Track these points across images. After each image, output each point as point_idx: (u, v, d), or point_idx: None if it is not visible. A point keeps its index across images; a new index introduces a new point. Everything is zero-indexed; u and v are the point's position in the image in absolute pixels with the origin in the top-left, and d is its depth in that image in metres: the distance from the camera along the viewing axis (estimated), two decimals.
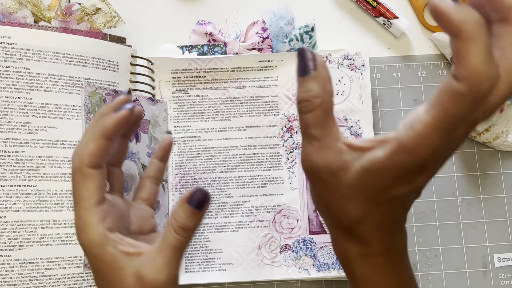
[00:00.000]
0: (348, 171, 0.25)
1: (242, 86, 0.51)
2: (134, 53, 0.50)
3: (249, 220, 0.49)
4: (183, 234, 0.30)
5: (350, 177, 0.25)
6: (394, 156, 0.24)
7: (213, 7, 0.54)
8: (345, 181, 0.25)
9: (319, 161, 0.26)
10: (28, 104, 0.45)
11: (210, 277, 0.48)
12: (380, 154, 0.24)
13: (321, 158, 0.26)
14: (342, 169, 0.25)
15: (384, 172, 0.24)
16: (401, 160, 0.24)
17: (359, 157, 0.25)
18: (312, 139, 0.26)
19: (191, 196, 0.31)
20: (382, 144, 0.25)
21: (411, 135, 0.23)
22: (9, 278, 0.43)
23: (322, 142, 0.26)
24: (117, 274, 0.30)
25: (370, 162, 0.24)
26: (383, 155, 0.24)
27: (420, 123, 0.23)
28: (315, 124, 0.26)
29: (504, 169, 0.51)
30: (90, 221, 0.30)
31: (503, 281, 0.49)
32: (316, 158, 0.26)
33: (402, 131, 0.24)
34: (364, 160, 0.25)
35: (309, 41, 0.51)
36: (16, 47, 0.45)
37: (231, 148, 0.50)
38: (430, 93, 0.52)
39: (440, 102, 0.23)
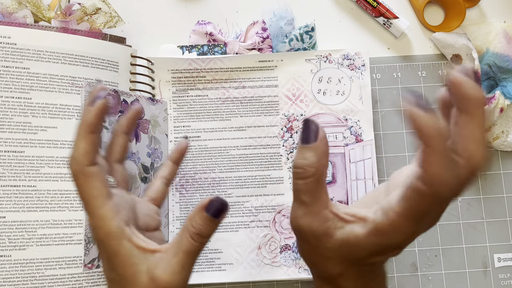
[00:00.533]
0: (330, 238, 0.28)
1: (242, 86, 0.51)
2: (134, 53, 0.50)
3: (249, 220, 0.49)
4: (199, 240, 0.31)
5: (331, 243, 0.28)
6: (371, 236, 0.27)
7: (213, 7, 0.54)
8: (327, 245, 0.28)
9: (305, 225, 0.28)
10: (28, 104, 0.45)
11: (210, 277, 0.48)
12: (358, 231, 0.27)
13: (307, 222, 0.28)
14: (325, 235, 0.28)
15: (360, 247, 0.27)
16: (376, 241, 0.27)
17: (341, 227, 0.28)
18: (301, 203, 0.28)
19: (210, 204, 0.31)
20: (361, 221, 0.28)
21: (386, 222, 0.26)
22: (9, 278, 0.43)
23: (310, 208, 0.28)
24: (131, 269, 0.30)
25: (350, 236, 0.27)
26: (361, 233, 0.27)
27: (393, 212, 0.26)
28: (306, 191, 0.28)
29: (504, 169, 0.51)
30: (106, 215, 0.31)
31: (503, 281, 0.49)
32: (303, 222, 0.28)
33: (378, 216, 0.27)
34: (345, 232, 0.28)
35: (309, 41, 0.51)
36: (16, 47, 0.45)
37: (231, 148, 0.50)
38: (430, 93, 0.52)
39: (408, 198, 0.26)
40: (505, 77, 0.51)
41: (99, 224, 0.31)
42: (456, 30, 0.53)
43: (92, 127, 0.31)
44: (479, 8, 0.54)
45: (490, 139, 0.50)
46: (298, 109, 0.50)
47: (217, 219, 0.31)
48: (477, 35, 0.52)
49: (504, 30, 0.51)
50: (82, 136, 0.31)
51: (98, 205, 0.31)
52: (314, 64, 0.51)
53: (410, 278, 0.49)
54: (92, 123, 0.31)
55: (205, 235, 0.31)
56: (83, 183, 0.31)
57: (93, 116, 0.31)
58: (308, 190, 0.28)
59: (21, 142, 0.44)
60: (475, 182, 0.26)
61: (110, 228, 0.30)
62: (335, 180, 0.49)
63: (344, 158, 0.49)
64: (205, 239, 0.31)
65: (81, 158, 0.31)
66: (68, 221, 0.45)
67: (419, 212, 0.26)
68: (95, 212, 0.31)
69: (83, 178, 0.31)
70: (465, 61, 0.51)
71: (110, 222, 0.30)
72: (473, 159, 0.25)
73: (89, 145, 0.31)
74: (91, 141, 0.31)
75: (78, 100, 0.46)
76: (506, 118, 0.51)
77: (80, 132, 0.31)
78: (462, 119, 0.25)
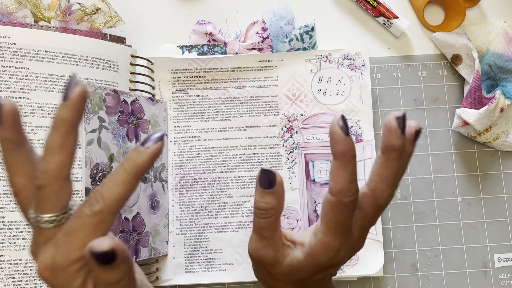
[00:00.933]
0: (281, 265, 0.32)
1: (242, 86, 0.51)
2: (134, 53, 0.50)
3: (249, 220, 0.49)
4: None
5: (281, 269, 0.33)
6: (308, 258, 0.32)
7: (213, 7, 0.54)
8: (279, 271, 0.33)
9: (264, 255, 0.32)
10: (28, 104, 0.45)
11: (210, 277, 0.48)
12: (298, 255, 0.32)
13: (266, 253, 0.32)
14: (278, 263, 0.32)
15: (301, 269, 0.32)
16: (312, 261, 0.32)
17: (288, 254, 0.32)
18: (263, 238, 0.32)
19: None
20: (300, 246, 0.32)
21: (317, 242, 0.31)
22: (9, 278, 0.43)
23: (269, 241, 0.32)
24: None
25: (293, 260, 0.32)
26: (300, 257, 0.32)
27: (320, 232, 0.31)
28: (268, 228, 0.32)
29: (504, 169, 0.51)
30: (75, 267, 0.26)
31: (504, 282, 0.49)
32: (262, 253, 0.32)
33: (311, 238, 0.32)
34: (289, 259, 0.32)
35: (309, 41, 0.51)
36: (16, 47, 0.45)
37: (231, 148, 0.50)
38: (430, 93, 0.52)
39: (326, 212, 0.31)
40: (505, 77, 0.51)
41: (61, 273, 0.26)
42: (456, 30, 0.53)
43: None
44: (479, 8, 0.54)
45: (490, 139, 0.50)
46: (298, 109, 0.50)
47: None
48: (477, 35, 0.52)
49: (504, 30, 0.51)
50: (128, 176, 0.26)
51: None
52: (314, 64, 0.51)
53: (410, 278, 0.49)
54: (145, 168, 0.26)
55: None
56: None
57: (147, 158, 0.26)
58: (269, 227, 0.32)
59: None
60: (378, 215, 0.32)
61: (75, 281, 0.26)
62: None
63: None
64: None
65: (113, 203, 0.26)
66: None
67: (337, 224, 0.30)
68: None
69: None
70: (465, 61, 0.51)
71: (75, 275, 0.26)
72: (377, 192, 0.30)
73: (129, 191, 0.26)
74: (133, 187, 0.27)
75: None
76: (506, 118, 0.51)
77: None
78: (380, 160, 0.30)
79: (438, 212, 0.50)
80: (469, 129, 0.50)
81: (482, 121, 0.48)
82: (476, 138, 0.51)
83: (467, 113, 0.49)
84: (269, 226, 0.32)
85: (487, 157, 0.52)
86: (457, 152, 0.52)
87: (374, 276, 0.48)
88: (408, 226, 0.50)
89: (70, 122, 0.25)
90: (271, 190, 0.32)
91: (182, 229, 0.48)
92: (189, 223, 0.49)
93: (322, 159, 0.49)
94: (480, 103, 0.49)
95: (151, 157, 0.26)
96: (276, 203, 0.32)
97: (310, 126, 0.50)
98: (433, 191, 0.51)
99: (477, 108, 0.49)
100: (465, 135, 0.51)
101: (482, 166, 0.51)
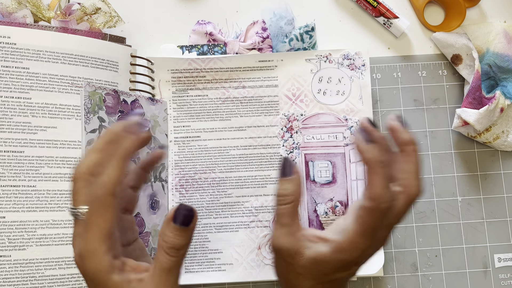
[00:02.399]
0: (302, 257, 0.33)
1: (242, 86, 0.51)
2: (134, 53, 0.50)
3: (249, 220, 0.49)
4: (174, 254, 0.30)
5: (302, 261, 0.33)
6: (334, 253, 0.33)
7: (213, 7, 0.54)
8: (299, 263, 0.33)
9: (284, 243, 0.33)
10: (28, 104, 0.45)
11: (210, 277, 0.48)
12: (323, 250, 0.33)
13: (286, 242, 0.33)
14: (297, 254, 0.33)
15: (326, 263, 0.33)
16: (338, 257, 0.33)
17: (309, 247, 0.33)
18: (282, 225, 0.34)
19: (176, 213, 0.30)
20: (325, 242, 0.33)
21: (346, 240, 0.32)
22: (9, 278, 0.43)
23: (289, 229, 0.33)
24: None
25: (316, 254, 0.33)
26: (325, 251, 0.33)
27: (352, 231, 0.32)
28: (287, 214, 0.34)
29: (504, 169, 0.51)
30: (100, 250, 0.29)
31: (504, 282, 0.49)
32: (282, 241, 0.33)
33: (339, 236, 0.33)
34: (312, 251, 0.33)
35: (309, 41, 0.51)
36: (16, 47, 0.45)
37: (231, 148, 0.50)
38: (430, 93, 0.52)
39: (360, 215, 0.32)
40: (505, 77, 0.51)
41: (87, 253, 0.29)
42: (456, 30, 0.53)
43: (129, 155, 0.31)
44: (479, 8, 0.54)
45: (490, 139, 0.50)
46: (298, 109, 0.50)
47: (187, 227, 0.30)
48: (477, 35, 0.52)
49: (504, 30, 0.51)
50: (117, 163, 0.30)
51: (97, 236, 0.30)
52: (314, 64, 0.51)
53: (410, 278, 0.49)
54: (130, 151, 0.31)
55: (179, 246, 0.30)
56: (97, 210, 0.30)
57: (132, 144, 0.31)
58: (288, 214, 0.34)
59: (21, 142, 0.44)
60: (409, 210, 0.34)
61: (101, 264, 0.29)
62: (335, 180, 0.49)
63: (344, 158, 0.49)
64: (180, 251, 0.30)
65: (111, 186, 0.30)
66: (68, 221, 0.45)
67: (370, 227, 0.32)
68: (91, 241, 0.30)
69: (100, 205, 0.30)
70: (465, 60, 0.51)
71: (102, 257, 0.29)
72: (409, 188, 0.33)
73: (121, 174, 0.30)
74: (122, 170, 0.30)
75: (77, 100, 0.46)
76: (506, 118, 0.51)
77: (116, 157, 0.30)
78: (401, 157, 0.34)
79: (438, 212, 0.50)
80: (469, 129, 0.50)
81: (482, 121, 0.48)
82: (476, 138, 0.51)
83: (467, 113, 0.49)
84: (288, 213, 0.34)
85: (487, 157, 0.52)
86: (457, 152, 0.52)
87: (374, 276, 0.48)
88: (408, 226, 0.50)
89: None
90: (289, 178, 0.34)
91: None
92: None
93: (322, 159, 0.49)
94: (480, 103, 0.49)
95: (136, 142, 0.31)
96: (294, 189, 0.34)
97: (310, 126, 0.50)
98: (433, 191, 0.51)
99: (477, 108, 0.49)
100: (465, 135, 0.51)
101: (482, 166, 0.51)
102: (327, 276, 0.33)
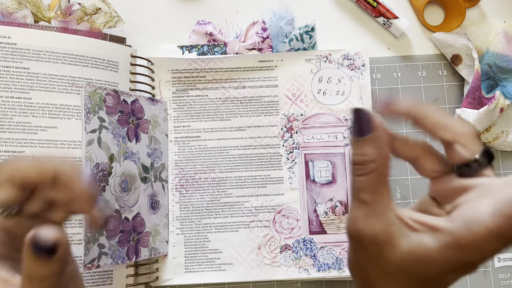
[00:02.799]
0: (395, 248, 0.24)
1: (242, 86, 0.51)
2: (134, 53, 0.50)
3: (249, 220, 0.49)
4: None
5: (395, 255, 0.24)
6: (446, 250, 0.23)
7: (213, 7, 0.54)
8: (390, 257, 0.24)
9: (366, 229, 0.24)
10: (28, 104, 0.45)
11: (210, 277, 0.48)
12: (430, 244, 0.23)
13: (369, 226, 0.24)
14: (389, 244, 0.24)
15: (432, 263, 0.23)
16: (453, 256, 0.23)
17: (407, 235, 0.24)
18: (362, 203, 0.25)
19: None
20: (432, 231, 0.24)
21: (470, 236, 0.23)
22: None
23: (372, 208, 0.25)
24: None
25: (419, 248, 0.24)
26: (433, 246, 0.23)
27: (482, 227, 0.22)
28: (367, 188, 0.25)
29: (504, 169, 0.51)
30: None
31: (503, 281, 0.49)
32: (363, 225, 0.24)
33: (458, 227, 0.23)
34: (412, 243, 0.24)
35: (309, 41, 0.51)
36: (16, 47, 0.45)
37: (231, 148, 0.50)
38: (430, 93, 0.52)
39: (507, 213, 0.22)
40: (505, 77, 0.51)
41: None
42: (456, 30, 0.53)
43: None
44: (479, 8, 0.54)
45: (490, 139, 0.50)
46: (298, 109, 0.50)
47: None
48: (477, 35, 0.52)
49: (504, 30, 0.51)
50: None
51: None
52: (314, 64, 0.51)
53: None
54: None
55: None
56: None
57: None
58: (369, 187, 0.25)
59: (21, 142, 0.44)
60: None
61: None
62: (335, 180, 0.49)
63: (344, 158, 0.49)
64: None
65: None
66: (68, 221, 0.44)
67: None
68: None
69: None
70: (465, 61, 0.51)
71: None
72: None
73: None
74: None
75: (78, 100, 0.46)
76: (506, 118, 0.51)
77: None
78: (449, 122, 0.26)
79: None
80: None
81: (482, 121, 0.48)
82: None
83: (467, 113, 0.49)
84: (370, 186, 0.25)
85: None
86: None
87: None
88: None
89: None
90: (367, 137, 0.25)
91: (182, 229, 0.48)
92: (189, 223, 0.49)
93: (322, 159, 0.49)
94: (480, 103, 0.49)
95: None
96: (377, 153, 0.25)
97: (310, 126, 0.50)
98: None
99: (477, 108, 0.49)
100: None
101: None
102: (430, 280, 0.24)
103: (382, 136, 0.25)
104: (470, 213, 0.23)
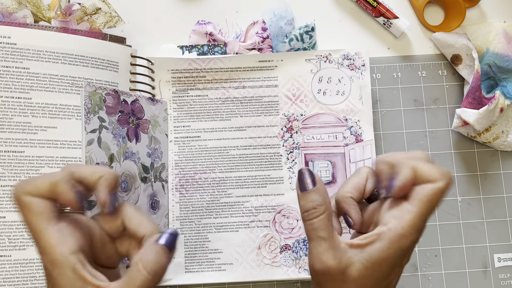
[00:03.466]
0: (353, 266, 0.30)
1: (242, 86, 0.51)
2: (134, 53, 0.50)
3: (249, 220, 0.49)
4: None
5: (355, 271, 0.30)
6: (393, 244, 0.30)
7: (213, 7, 0.54)
8: (352, 275, 0.30)
9: (330, 260, 0.30)
10: (28, 104, 0.45)
11: (210, 277, 0.48)
12: (380, 246, 0.30)
13: (331, 257, 0.30)
14: (348, 266, 0.30)
15: (385, 261, 0.30)
16: (398, 247, 0.30)
17: (361, 252, 0.30)
18: (321, 240, 0.31)
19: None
20: (379, 237, 0.30)
21: (404, 224, 0.30)
22: (9, 278, 0.43)
23: (330, 243, 0.31)
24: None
25: (373, 254, 0.30)
26: (383, 245, 0.30)
27: (410, 214, 0.30)
28: (323, 227, 0.31)
29: (504, 169, 0.51)
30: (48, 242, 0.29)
31: (503, 281, 0.49)
32: (327, 257, 0.30)
33: (394, 223, 0.30)
34: (367, 254, 0.30)
35: (309, 41, 0.51)
36: (16, 47, 0.45)
37: (231, 148, 0.50)
38: (430, 93, 0.52)
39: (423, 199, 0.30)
40: (505, 77, 0.51)
41: (42, 251, 0.29)
42: (456, 30, 0.53)
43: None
44: (479, 8, 0.54)
45: (490, 139, 0.50)
46: (298, 109, 0.50)
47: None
48: (477, 35, 0.52)
49: (504, 30, 0.51)
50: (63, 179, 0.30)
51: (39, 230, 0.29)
52: (314, 64, 0.51)
53: (410, 278, 0.49)
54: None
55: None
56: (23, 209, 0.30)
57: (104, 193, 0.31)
58: (324, 226, 0.31)
59: (21, 142, 0.44)
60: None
61: (53, 256, 0.29)
62: (335, 180, 0.49)
63: (344, 158, 0.49)
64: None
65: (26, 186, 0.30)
66: None
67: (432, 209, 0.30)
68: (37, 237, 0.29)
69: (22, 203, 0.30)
70: (465, 61, 0.51)
71: (53, 249, 0.29)
72: None
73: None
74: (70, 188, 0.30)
75: (78, 100, 0.46)
76: (506, 118, 0.51)
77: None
78: None
79: (438, 212, 0.50)
80: (469, 129, 0.50)
81: (482, 121, 0.48)
82: (476, 138, 0.51)
83: (467, 113, 0.49)
84: (324, 225, 0.31)
85: (487, 157, 0.52)
86: (457, 152, 0.52)
87: None
88: None
89: None
90: (314, 188, 0.32)
91: (182, 229, 0.48)
92: (189, 223, 0.49)
93: (322, 159, 0.49)
94: (480, 103, 0.49)
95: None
96: (322, 199, 0.32)
97: (310, 126, 0.50)
98: None
99: (477, 108, 0.49)
100: (465, 135, 0.51)
101: (482, 166, 0.51)
102: (384, 280, 0.31)
103: (323, 187, 0.32)
104: (397, 212, 0.31)
